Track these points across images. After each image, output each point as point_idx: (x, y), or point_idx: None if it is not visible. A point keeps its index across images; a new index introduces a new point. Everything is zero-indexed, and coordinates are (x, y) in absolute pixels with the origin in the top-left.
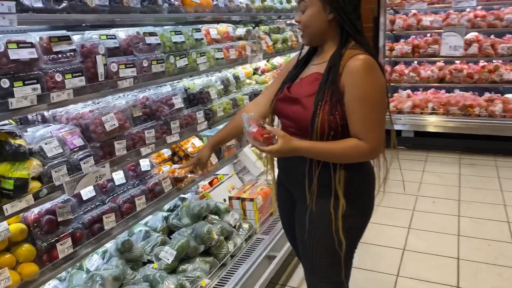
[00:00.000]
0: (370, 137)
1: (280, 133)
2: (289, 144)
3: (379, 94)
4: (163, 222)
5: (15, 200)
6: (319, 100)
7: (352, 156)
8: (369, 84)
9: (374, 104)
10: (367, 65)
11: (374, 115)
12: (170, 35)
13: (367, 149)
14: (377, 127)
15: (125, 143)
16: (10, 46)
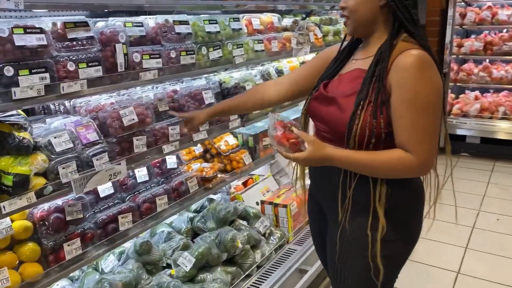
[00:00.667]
0: (420, 149)
1: (309, 138)
2: (320, 151)
3: (434, 98)
4: (188, 224)
5: (15, 197)
6: (361, 99)
7: (396, 171)
8: (422, 85)
9: (426, 110)
10: (420, 62)
11: (425, 123)
12: (203, 24)
13: (415, 164)
14: (428, 138)
15: (145, 140)
16: (16, 31)
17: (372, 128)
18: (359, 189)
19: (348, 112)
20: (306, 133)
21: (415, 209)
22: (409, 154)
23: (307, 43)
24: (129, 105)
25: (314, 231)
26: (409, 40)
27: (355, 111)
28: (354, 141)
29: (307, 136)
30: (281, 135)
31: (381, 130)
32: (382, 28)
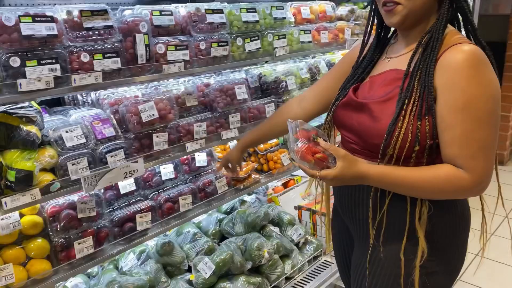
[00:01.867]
0: (474, 166)
1: (340, 152)
2: (353, 168)
3: (491, 104)
4: (216, 225)
5: (17, 193)
6: (404, 101)
7: (444, 191)
8: (477, 88)
9: (482, 119)
10: (475, 60)
11: (481, 135)
12: (240, 12)
13: (467, 183)
14: (484, 152)
15: (166, 136)
16: (23, 19)
17: (417, 133)
18: (395, 207)
19: (383, 120)
20: (335, 146)
21: (460, 235)
22: (461, 171)
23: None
24: (149, 99)
25: (339, 253)
26: (459, 33)
27: (397, 116)
28: (393, 149)
29: (337, 150)
30: (305, 148)
31: (426, 137)
32: (432, 18)
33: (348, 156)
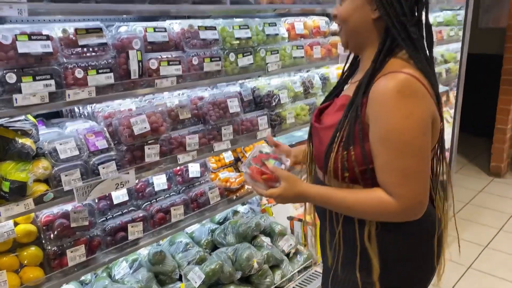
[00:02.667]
0: (399, 193)
1: (283, 174)
2: (294, 189)
3: (409, 135)
4: (208, 236)
5: (11, 203)
6: (338, 131)
7: (375, 214)
8: (397, 119)
9: (401, 149)
10: (400, 89)
11: (403, 164)
12: (232, 29)
13: (395, 208)
14: (409, 180)
15: (158, 149)
16: (20, 38)
17: (344, 161)
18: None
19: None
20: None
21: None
22: (390, 197)
23: None
24: (142, 113)
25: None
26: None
27: (330, 144)
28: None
29: (281, 172)
30: (255, 170)
31: (353, 164)
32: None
33: (290, 178)
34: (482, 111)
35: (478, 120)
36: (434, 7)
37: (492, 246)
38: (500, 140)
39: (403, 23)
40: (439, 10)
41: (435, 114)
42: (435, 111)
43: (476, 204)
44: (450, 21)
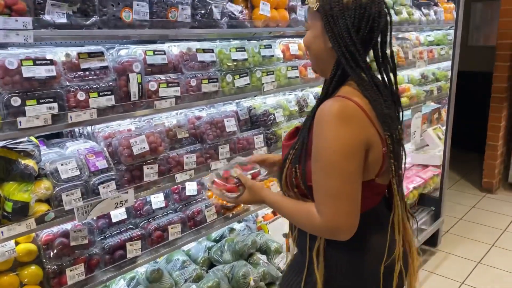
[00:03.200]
0: (322, 211)
1: (247, 183)
2: (256, 196)
3: (335, 157)
4: (205, 253)
5: (14, 223)
6: (292, 148)
7: (306, 226)
8: (325, 141)
9: (326, 169)
10: (338, 112)
11: (327, 183)
12: (229, 51)
13: (318, 224)
14: (330, 200)
15: (157, 168)
16: (25, 63)
17: (292, 178)
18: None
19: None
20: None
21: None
22: (316, 213)
23: None
24: (141, 133)
25: None
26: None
27: (284, 160)
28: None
29: (246, 180)
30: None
31: (299, 181)
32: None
33: (254, 186)
34: (473, 128)
35: (469, 136)
36: (425, 27)
37: (485, 262)
38: (491, 157)
39: (353, 53)
40: (430, 30)
41: (372, 141)
42: (374, 137)
43: (469, 220)
44: (440, 40)
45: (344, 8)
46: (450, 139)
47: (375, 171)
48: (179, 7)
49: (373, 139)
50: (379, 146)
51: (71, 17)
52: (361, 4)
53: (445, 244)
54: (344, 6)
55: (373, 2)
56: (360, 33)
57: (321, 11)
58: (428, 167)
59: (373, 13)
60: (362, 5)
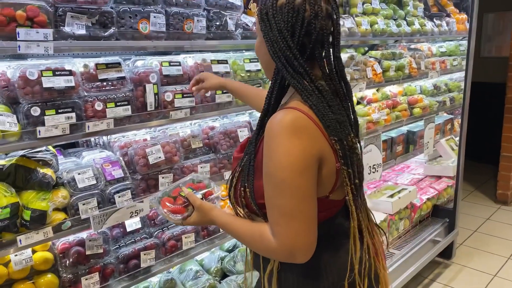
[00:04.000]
0: (276, 231)
1: (196, 203)
2: (205, 217)
3: (287, 173)
4: (218, 263)
5: (31, 231)
6: (238, 166)
7: (259, 248)
8: (276, 157)
9: (279, 186)
10: (288, 125)
11: (280, 201)
12: (243, 62)
13: (274, 246)
14: (285, 220)
15: (171, 177)
16: (45, 74)
17: (241, 198)
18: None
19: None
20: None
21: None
22: (270, 234)
23: (363, 79)
24: (157, 143)
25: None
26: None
27: (232, 177)
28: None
29: (195, 200)
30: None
31: (249, 201)
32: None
33: (202, 206)
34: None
35: (483, 147)
36: (437, 38)
37: (501, 275)
38: (506, 168)
39: (289, 57)
40: (442, 41)
41: (325, 154)
42: (326, 150)
43: (484, 232)
44: (453, 51)
45: (277, 11)
46: (464, 149)
47: (329, 188)
48: (195, 18)
49: (326, 153)
50: (333, 160)
51: (90, 29)
52: (293, 7)
53: (460, 256)
54: (278, 9)
55: (308, 3)
56: (295, 36)
57: (258, 15)
58: (441, 178)
59: (308, 15)
60: (294, 7)
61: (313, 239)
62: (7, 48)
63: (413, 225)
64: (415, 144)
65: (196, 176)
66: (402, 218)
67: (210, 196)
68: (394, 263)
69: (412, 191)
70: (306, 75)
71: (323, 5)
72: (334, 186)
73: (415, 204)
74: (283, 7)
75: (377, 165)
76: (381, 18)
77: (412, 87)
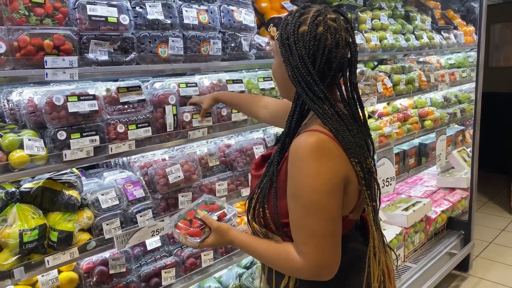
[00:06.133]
0: (304, 251)
1: (213, 225)
2: (223, 238)
3: (316, 195)
4: (236, 280)
5: (58, 252)
6: (257, 187)
7: (284, 268)
8: (304, 176)
9: (308, 208)
10: (310, 148)
11: (308, 222)
12: (257, 81)
13: (300, 266)
14: (313, 240)
15: (191, 196)
16: (70, 99)
17: (260, 218)
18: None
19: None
20: (211, 219)
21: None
22: (296, 254)
23: (374, 93)
24: (176, 162)
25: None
26: (316, 120)
27: (251, 197)
28: (252, 227)
29: (211, 223)
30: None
31: (268, 221)
32: None
33: (220, 228)
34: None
35: (495, 158)
36: (446, 50)
37: None
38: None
39: (310, 83)
40: (450, 53)
41: (349, 175)
42: (350, 171)
43: (500, 244)
44: (461, 62)
45: (298, 38)
46: (477, 160)
47: (350, 208)
48: (211, 41)
49: (350, 174)
50: (355, 181)
51: (112, 54)
52: (315, 35)
53: (477, 268)
54: (299, 36)
55: (329, 33)
56: (316, 63)
57: (279, 40)
58: (455, 190)
59: (329, 44)
60: (316, 35)
61: (338, 258)
62: (35, 76)
63: (429, 238)
64: (427, 156)
65: (209, 198)
66: (417, 231)
67: (225, 217)
68: (412, 277)
69: (426, 204)
70: (326, 100)
71: (343, 34)
72: (355, 205)
73: (430, 217)
74: (305, 34)
75: (391, 178)
76: (390, 33)
77: (422, 99)
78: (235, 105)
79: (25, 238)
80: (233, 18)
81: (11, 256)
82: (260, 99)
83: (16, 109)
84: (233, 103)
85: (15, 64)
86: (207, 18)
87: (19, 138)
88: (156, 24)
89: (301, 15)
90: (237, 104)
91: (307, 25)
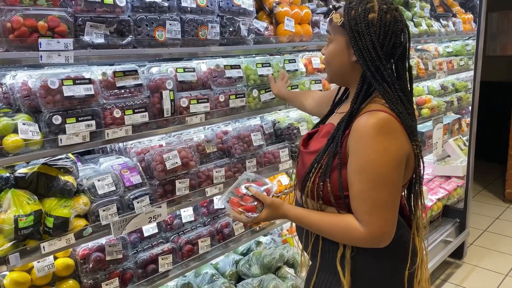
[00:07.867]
0: (368, 221)
1: (267, 200)
2: (277, 212)
3: (386, 169)
4: (233, 267)
5: (54, 238)
6: (317, 161)
7: (343, 238)
8: (374, 153)
9: (376, 181)
10: (378, 127)
11: (375, 194)
12: (255, 67)
13: (362, 235)
14: (378, 210)
15: (188, 182)
16: (65, 82)
17: (319, 190)
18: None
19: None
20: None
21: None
22: (358, 224)
23: None
24: (173, 148)
25: None
26: (380, 100)
27: (309, 171)
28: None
29: (264, 198)
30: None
31: (328, 193)
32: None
33: (274, 203)
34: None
35: (490, 147)
36: (444, 38)
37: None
38: None
39: (378, 67)
40: (448, 41)
41: (409, 152)
42: (409, 149)
43: (494, 232)
44: (459, 51)
45: (369, 25)
46: (474, 149)
47: (405, 182)
48: (209, 25)
49: (409, 151)
50: (412, 158)
51: (108, 37)
52: (385, 22)
53: (471, 256)
54: (370, 22)
55: (396, 20)
56: (384, 48)
57: (347, 26)
58: (451, 178)
59: (396, 30)
60: (386, 22)
61: (395, 226)
62: (29, 58)
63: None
64: (424, 144)
65: (250, 175)
66: None
67: (270, 193)
68: None
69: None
70: (392, 84)
71: (404, 22)
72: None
73: (426, 205)
74: (375, 21)
75: None
76: None
77: (419, 87)
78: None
79: (20, 224)
80: (232, 1)
81: (6, 242)
82: (308, 93)
83: (10, 92)
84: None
85: (8, 46)
86: (205, 1)
87: (13, 122)
88: (153, 7)
89: (367, 2)
90: (293, 99)
91: (375, 12)
